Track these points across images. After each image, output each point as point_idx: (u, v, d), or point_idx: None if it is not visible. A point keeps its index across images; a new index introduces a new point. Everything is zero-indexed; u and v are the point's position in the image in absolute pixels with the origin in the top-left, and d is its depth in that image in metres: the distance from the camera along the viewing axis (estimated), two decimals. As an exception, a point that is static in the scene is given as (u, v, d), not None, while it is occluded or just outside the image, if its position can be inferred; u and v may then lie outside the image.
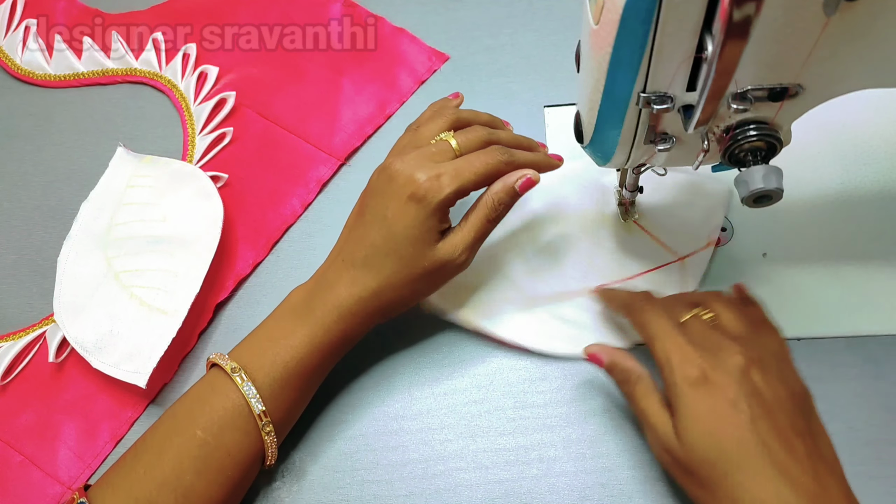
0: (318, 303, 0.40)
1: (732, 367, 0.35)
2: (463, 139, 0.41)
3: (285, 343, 0.40)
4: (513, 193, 0.40)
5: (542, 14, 0.59)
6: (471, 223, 0.40)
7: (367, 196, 0.42)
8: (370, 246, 0.40)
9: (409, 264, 0.39)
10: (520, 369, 0.45)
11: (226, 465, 0.38)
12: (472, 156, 0.40)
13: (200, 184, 0.51)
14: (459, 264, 0.41)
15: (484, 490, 0.42)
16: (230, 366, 0.39)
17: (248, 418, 0.38)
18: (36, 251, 0.53)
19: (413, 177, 0.39)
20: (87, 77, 0.59)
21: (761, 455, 0.33)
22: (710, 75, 0.29)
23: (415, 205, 0.39)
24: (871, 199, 0.48)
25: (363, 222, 0.41)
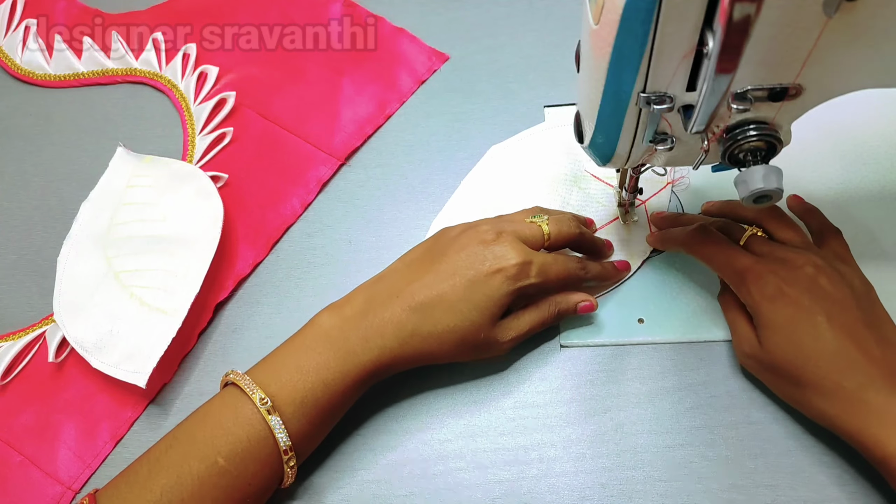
0: (358, 338, 0.40)
1: (802, 277, 0.39)
2: (555, 228, 0.44)
3: (317, 378, 0.39)
4: (572, 312, 0.44)
5: (542, 14, 0.59)
6: (529, 317, 0.43)
7: (448, 246, 0.42)
8: (437, 296, 0.40)
9: (467, 328, 0.40)
10: (520, 369, 0.45)
11: (246, 493, 0.37)
12: (559, 258, 0.43)
13: (200, 184, 0.51)
14: (502, 349, 0.43)
15: (484, 490, 0.42)
16: (258, 396, 0.38)
17: (271, 450, 0.38)
18: (36, 251, 0.53)
19: (508, 253, 0.41)
20: (87, 77, 0.59)
21: (836, 349, 0.37)
22: (711, 75, 0.29)
23: (500, 279, 0.40)
24: (871, 199, 0.48)
25: (436, 271, 0.41)
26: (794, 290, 0.38)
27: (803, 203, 0.46)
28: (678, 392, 0.43)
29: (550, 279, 0.42)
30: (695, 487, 0.41)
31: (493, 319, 0.41)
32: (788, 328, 0.38)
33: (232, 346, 0.48)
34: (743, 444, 0.41)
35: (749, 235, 0.43)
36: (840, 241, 0.43)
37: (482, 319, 0.40)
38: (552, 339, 0.46)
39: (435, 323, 0.40)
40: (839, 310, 0.38)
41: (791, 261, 0.40)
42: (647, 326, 0.45)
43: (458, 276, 0.40)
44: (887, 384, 0.36)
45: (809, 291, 0.38)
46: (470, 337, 0.40)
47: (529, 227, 0.43)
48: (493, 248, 0.41)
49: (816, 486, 0.40)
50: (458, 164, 0.53)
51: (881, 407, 0.36)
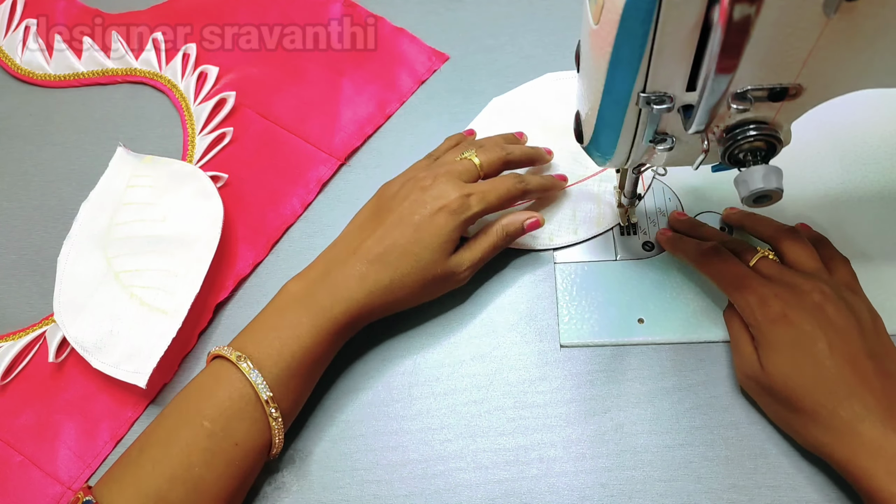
0: (325, 294, 0.42)
1: (808, 303, 0.39)
2: (484, 157, 0.46)
3: (291, 333, 0.40)
4: (520, 230, 0.46)
5: (542, 14, 0.59)
6: (479, 245, 0.45)
7: (391, 200, 0.44)
8: (391, 245, 0.42)
9: (424, 268, 0.42)
10: (520, 369, 0.45)
11: (234, 455, 0.38)
12: (496, 181, 0.46)
13: (200, 184, 0.51)
14: (461, 279, 0.45)
15: (484, 490, 0.42)
16: (236, 354, 0.39)
17: (255, 406, 0.39)
18: (36, 251, 0.53)
19: (446, 191, 0.43)
20: (87, 77, 0.59)
21: (835, 377, 0.37)
22: (710, 75, 0.29)
23: (444, 216, 0.43)
24: (871, 199, 0.48)
25: (383, 223, 0.43)
26: (797, 315, 0.38)
27: (811, 231, 0.46)
28: (678, 392, 0.43)
29: (492, 203, 0.44)
30: (695, 487, 0.41)
31: (445, 254, 0.43)
32: (789, 351, 0.38)
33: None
34: (743, 444, 0.41)
35: (760, 258, 0.43)
36: (848, 270, 0.43)
37: (435, 256, 0.43)
38: (552, 340, 0.46)
39: (394, 270, 0.42)
40: (841, 338, 0.38)
41: (798, 286, 0.40)
42: (647, 326, 0.45)
43: (404, 223, 0.43)
44: (882, 417, 0.36)
45: (813, 317, 0.38)
46: (429, 275, 0.43)
47: (462, 163, 0.46)
48: (430, 191, 0.43)
49: (817, 487, 0.40)
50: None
51: (874, 440, 0.36)
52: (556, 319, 0.46)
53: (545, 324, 0.46)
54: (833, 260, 0.44)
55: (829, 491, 0.40)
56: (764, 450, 0.41)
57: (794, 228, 0.44)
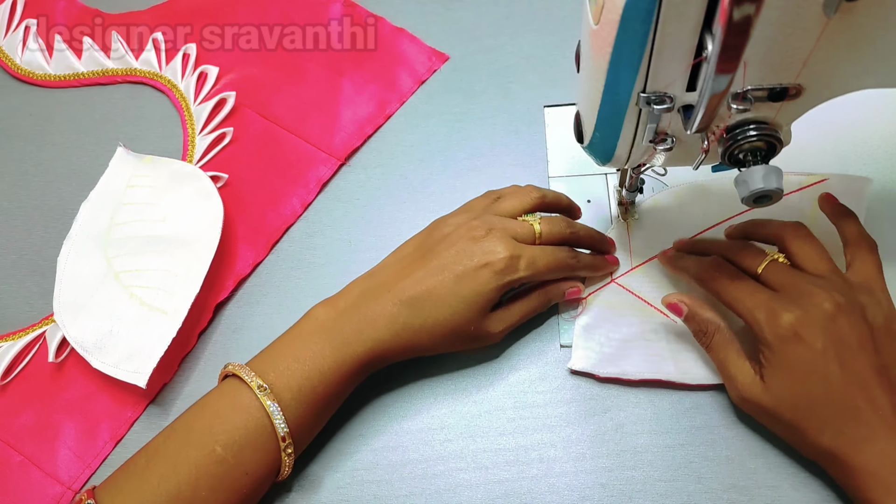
0: (352, 329, 0.40)
1: (819, 316, 0.37)
2: (546, 229, 0.43)
3: (313, 366, 0.39)
4: (561, 297, 0.45)
5: (542, 14, 0.59)
6: (518, 308, 0.44)
7: (438, 242, 0.42)
8: (427, 291, 0.41)
9: (457, 321, 0.41)
10: (520, 369, 0.45)
11: (243, 483, 0.38)
12: (548, 250, 0.43)
13: (200, 184, 0.51)
14: (493, 339, 0.43)
15: (484, 490, 0.42)
16: (257, 383, 0.38)
17: (269, 438, 0.38)
18: (36, 251, 0.53)
19: (496, 248, 0.41)
20: (87, 77, 0.59)
21: (843, 398, 0.36)
22: (711, 75, 0.29)
23: (488, 274, 0.41)
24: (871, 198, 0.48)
25: (426, 266, 0.41)
26: (808, 332, 0.36)
27: (836, 205, 0.43)
28: (678, 392, 0.43)
29: (540, 271, 0.42)
30: (695, 487, 0.41)
31: (482, 312, 0.41)
32: (799, 373, 0.37)
33: (232, 346, 0.48)
34: (743, 444, 0.41)
35: (769, 262, 0.40)
36: (871, 260, 0.40)
37: (471, 313, 0.41)
38: (552, 340, 0.46)
39: (426, 317, 0.40)
40: (852, 354, 0.36)
41: (809, 296, 0.37)
42: (647, 326, 0.45)
43: (447, 272, 0.41)
44: (885, 436, 0.35)
45: (824, 332, 0.36)
46: (460, 329, 0.41)
47: (521, 225, 0.43)
48: (481, 244, 0.41)
49: (817, 487, 0.40)
50: (458, 164, 0.53)
51: (875, 459, 0.35)
52: (557, 319, 0.46)
53: (545, 324, 0.46)
54: (857, 246, 0.41)
55: (829, 491, 0.40)
56: (764, 450, 0.41)
57: (799, 225, 0.41)
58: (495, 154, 0.53)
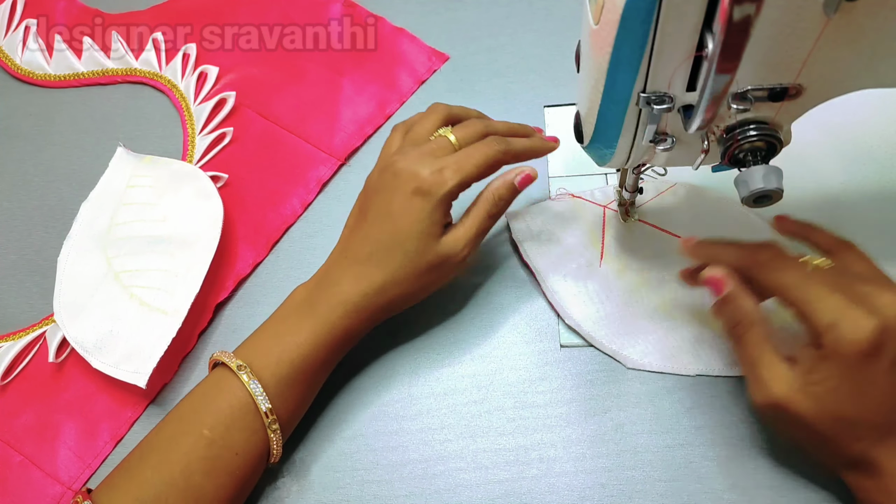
0: (322, 300, 0.41)
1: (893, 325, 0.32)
2: (461, 133, 0.42)
3: (290, 340, 0.40)
4: (512, 189, 0.42)
5: (542, 14, 0.59)
6: (472, 218, 0.41)
7: (369, 194, 0.42)
8: (375, 242, 0.40)
9: (414, 258, 0.40)
10: (520, 369, 0.45)
11: (234, 464, 0.38)
12: (470, 148, 0.41)
13: (200, 184, 0.51)
14: (461, 259, 0.41)
15: (484, 490, 0.42)
16: (235, 363, 0.39)
17: (254, 416, 0.38)
18: (36, 251, 0.53)
19: (417, 172, 0.39)
20: (87, 77, 0.59)
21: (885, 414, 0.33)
22: (711, 75, 0.29)
23: (420, 199, 0.39)
24: (871, 198, 0.48)
25: (366, 220, 0.41)
26: (889, 344, 0.32)
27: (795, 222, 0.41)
28: (678, 392, 0.43)
29: (471, 173, 0.40)
30: (695, 487, 0.41)
31: (433, 239, 0.40)
32: (862, 384, 0.33)
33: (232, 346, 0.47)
34: (743, 444, 0.41)
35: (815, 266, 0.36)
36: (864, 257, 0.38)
37: (422, 244, 0.40)
38: (552, 340, 0.46)
39: (384, 267, 0.40)
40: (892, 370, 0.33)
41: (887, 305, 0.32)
42: (647, 326, 0.45)
43: (383, 216, 0.40)
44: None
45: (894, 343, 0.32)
46: (421, 266, 0.40)
47: (435, 142, 0.42)
48: (402, 175, 0.40)
49: (817, 487, 0.40)
50: (458, 164, 0.53)
51: None
52: (557, 319, 0.46)
53: (545, 324, 0.46)
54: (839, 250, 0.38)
55: (829, 491, 0.40)
56: (764, 450, 0.41)
57: (851, 243, 0.38)
58: (495, 154, 0.53)
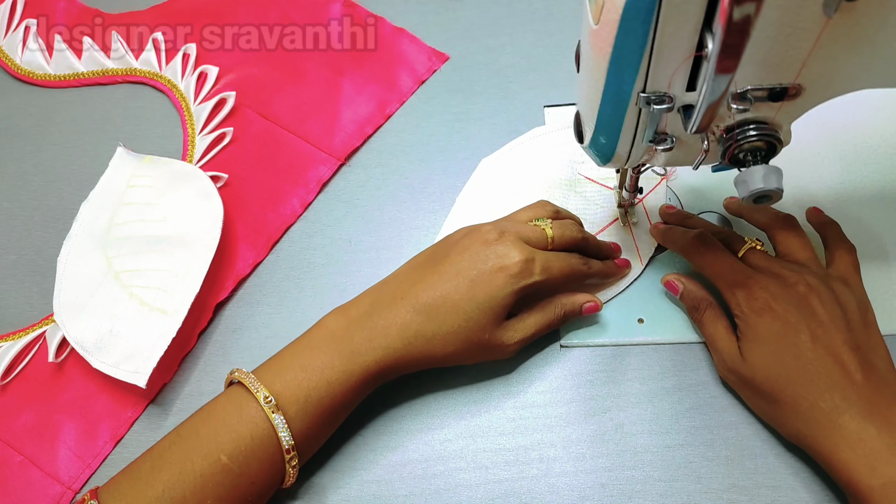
0: (362, 338, 0.40)
1: (792, 295, 0.39)
2: (558, 231, 0.43)
3: (321, 377, 0.39)
4: (577, 312, 0.44)
5: (542, 14, 0.59)
6: (533, 319, 0.43)
7: (451, 248, 0.42)
8: (441, 297, 0.40)
9: (472, 327, 0.40)
10: (520, 369, 0.45)
11: (248, 492, 0.37)
12: (561, 256, 0.43)
13: (200, 184, 0.51)
14: (507, 352, 0.42)
15: (484, 490, 0.42)
16: (263, 394, 0.38)
17: (275, 449, 0.38)
18: (36, 251, 0.53)
19: (510, 252, 0.40)
20: (87, 77, 0.59)
21: (817, 369, 0.37)
22: (710, 75, 0.29)
23: (503, 278, 0.40)
24: (871, 198, 0.48)
25: (439, 272, 0.41)
26: (781, 306, 0.39)
27: (821, 216, 0.46)
28: (678, 392, 0.43)
29: (554, 276, 0.41)
30: (695, 487, 0.41)
31: (497, 319, 0.40)
32: (771, 343, 0.39)
33: (232, 346, 0.48)
34: (743, 444, 0.41)
35: (748, 248, 0.43)
36: (849, 259, 0.43)
37: (486, 319, 0.40)
38: (552, 340, 0.46)
39: (439, 324, 0.40)
40: (825, 331, 0.38)
41: (784, 277, 0.40)
42: (647, 326, 0.45)
43: (461, 277, 0.40)
44: (863, 410, 0.36)
45: (798, 309, 0.38)
46: (475, 337, 0.40)
47: (532, 229, 0.43)
48: (495, 248, 0.40)
49: (817, 487, 0.40)
50: (458, 164, 0.53)
51: (854, 433, 0.36)
52: (556, 319, 0.46)
53: (545, 324, 0.46)
54: (837, 247, 0.43)
55: (829, 491, 0.40)
56: (764, 450, 0.41)
57: (789, 217, 0.44)
58: (495, 154, 0.53)
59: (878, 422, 0.36)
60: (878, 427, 0.36)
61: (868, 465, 0.35)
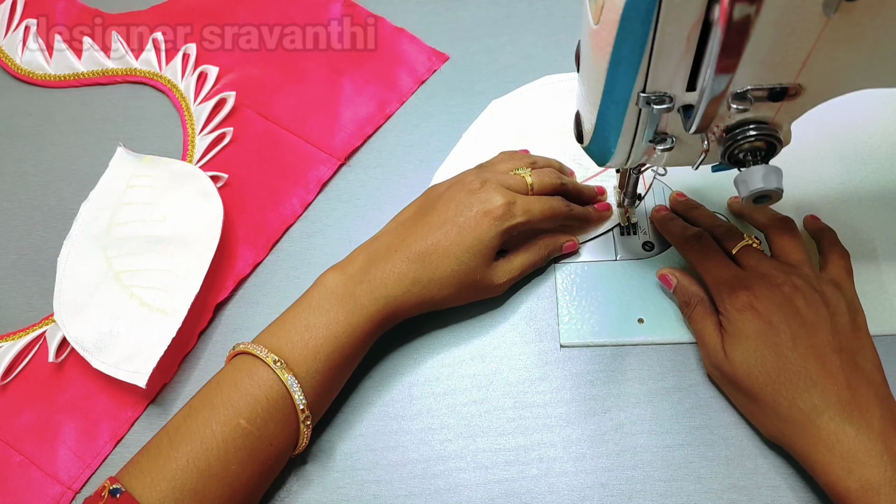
0: (363, 291, 0.41)
1: (777, 295, 0.39)
2: (537, 178, 0.46)
3: (327, 333, 0.40)
4: (558, 250, 0.47)
5: (542, 14, 0.59)
6: (519, 259, 0.46)
7: (434, 201, 0.44)
8: (433, 244, 0.42)
9: (464, 269, 0.42)
10: (520, 369, 0.45)
11: (267, 454, 0.38)
12: (542, 198, 0.45)
13: (200, 184, 0.51)
14: (497, 289, 0.45)
15: (484, 490, 0.42)
16: (272, 358, 0.39)
17: (289, 409, 0.39)
18: (36, 251, 0.53)
19: (491, 197, 0.43)
20: (87, 77, 0.59)
21: (796, 368, 0.38)
22: (710, 75, 0.29)
23: (488, 221, 0.42)
24: (871, 198, 0.48)
25: (428, 222, 0.43)
26: (764, 306, 0.39)
27: (817, 223, 0.46)
28: (678, 392, 0.43)
29: (535, 216, 0.44)
30: (695, 487, 0.41)
31: (486, 261, 0.43)
32: (753, 341, 0.39)
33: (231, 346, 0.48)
34: (743, 444, 0.41)
35: (743, 245, 0.43)
36: (842, 264, 0.43)
37: (476, 261, 0.42)
38: (552, 340, 0.46)
39: (434, 269, 0.42)
40: (807, 332, 0.38)
41: (771, 277, 0.40)
42: (647, 326, 0.45)
43: (449, 224, 0.42)
44: (842, 411, 0.36)
45: (780, 309, 0.39)
46: (467, 279, 0.43)
47: (513, 177, 0.45)
48: (478, 195, 0.43)
49: (817, 487, 0.40)
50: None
51: (832, 434, 0.36)
52: (556, 319, 0.46)
53: (545, 324, 0.46)
54: (830, 252, 0.44)
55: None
56: (764, 450, 0.41)
57: (786, 219, 0.44)
58: (495, 154, 0.53)
59: (857, 423, 0.36)
60: (857, 428, 0.36)
61: (845, 467, 0.35)
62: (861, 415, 0.36)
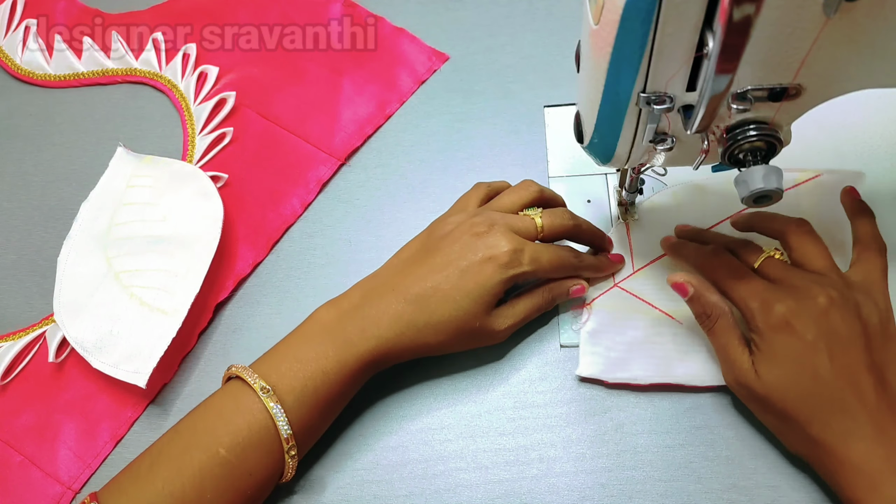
0: (355, 329, 0.40)
1: (812, 309, 0.37)
2: (548, 221, 0.44)
3: (316, 367, 0.39)
4: (565, 295, 0.45)
5: (542, 14, 0.59)
6: (523, 306, 0.43)
7: (441, 240, 0.42)
8: (432, 287, 0.40)
9: (462, 316, 0.41)
10: (520, 369, 0.45)
11: (246, 484, 0.38)
12: (551, 247, 0.43)
13: (200, 184, 0.51)
14: (498, 337, 0.43)
15: (484, 490, 0.42)
16: (259, 385, 0.38)
17: (273, 439, 0.38)
18: (36, 251, 0.53)
19: (498, 243, 0.41)
20: (87, 77, 0.59)
21: (832, 392, 0.36)
22: (711, 75, 0.29)
23: (492, 267, 0.40)
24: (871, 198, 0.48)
25: (430, 263, 0.41)
26: (800, 323, 0.37)
27: (857, 201, 0.44)
28: (678, 392, 0.43)
29: (543, 266, 0.42)
30: (695, 487, 0.41)
31: (487, 308, 0.41)
32: (789, 363, 0.37)
33: (232, 346, 0.48)
34: (743, 444, 0.41)
35: (765, 258, 0.41)
36: (877, 262, 0.41)
37: (476, 308, 0.41)
38: (552, 340, 0.46)
39: (430, 313, 0.40)
40: (843, 349, 0.37)
41: (804, 290, 0.38)
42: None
43: (451, 267, 0.41)
44: (872, 433, 0.36)
45: (817, 325, 0.37)
46: (465, 326, 0.41)
47: (522, 219, 0.43)
48: (484, 239, 0.41)
49: (817, 487, 0.40)
50: (458, 164, 0.53)
51: (861, 454, 0.36)
52: (557, 320, 0.46)
53: (545, 324, 0.46)
54: (866, 247, 0.41)
55: (829, 492, 0.40)
56: (764, 450, 0.41)
57: (803, 221, 0.41)
58: (495, 154, 0.53)
59: (886, 444, 0.35)
60: (887, 449, 0.35)
61: (871, 485, 0.35)
62: (890, 434, 0.36)
